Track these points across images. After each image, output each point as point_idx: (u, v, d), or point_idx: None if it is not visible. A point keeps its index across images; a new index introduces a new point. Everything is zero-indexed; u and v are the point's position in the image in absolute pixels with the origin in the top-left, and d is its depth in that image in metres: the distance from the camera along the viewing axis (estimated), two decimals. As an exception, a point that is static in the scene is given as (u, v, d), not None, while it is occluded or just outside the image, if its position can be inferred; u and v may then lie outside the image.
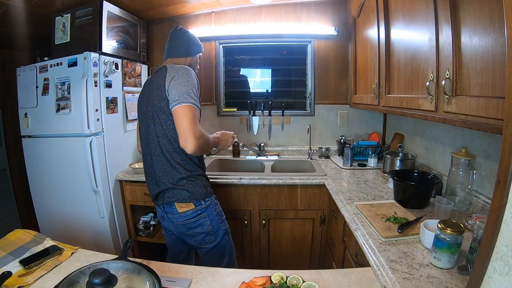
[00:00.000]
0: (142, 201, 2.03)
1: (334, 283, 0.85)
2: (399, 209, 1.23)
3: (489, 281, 0.48)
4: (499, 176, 0.47)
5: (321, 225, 1.90)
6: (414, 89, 1.24)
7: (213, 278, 0.88)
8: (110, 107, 1.97)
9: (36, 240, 1.07)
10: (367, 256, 0.97)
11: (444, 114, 1.00)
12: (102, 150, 1.91)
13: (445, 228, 0.83)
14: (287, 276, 0.84)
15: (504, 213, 0.46)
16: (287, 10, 2.36)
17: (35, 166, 2.05)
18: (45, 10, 1.91)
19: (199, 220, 1.33)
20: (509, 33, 0.48)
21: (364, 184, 1.67)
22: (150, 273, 0.72)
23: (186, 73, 1.29)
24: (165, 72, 1.31)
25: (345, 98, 2.41)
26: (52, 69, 1.90)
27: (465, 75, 0.91)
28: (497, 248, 0.47)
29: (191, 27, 2.41)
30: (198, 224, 1.33)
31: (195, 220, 1.33)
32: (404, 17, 1.32)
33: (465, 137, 1.35)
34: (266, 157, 2.39)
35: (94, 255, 1.00)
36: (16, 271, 0.88)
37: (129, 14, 2.16)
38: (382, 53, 1.56)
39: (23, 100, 2.01)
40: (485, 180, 1.23)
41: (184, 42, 1.50)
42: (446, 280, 0.79)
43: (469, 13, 0.88)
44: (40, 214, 2.11)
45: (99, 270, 0.65)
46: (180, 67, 1.32)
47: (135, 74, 2.27)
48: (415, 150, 1.84)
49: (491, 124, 0.78)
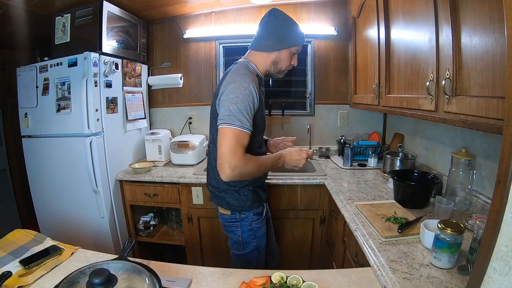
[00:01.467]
0: (142, 201, 2.03)
1: (334, 283, 0.85)
2: (399, 209, 1.23)
3: (489, 281, 0.48)
4: (499, 176, 0.47)
5: (321, 225, 1.90)
6: (414, 89, 1.24)
7: (213, 278, 0.88)
8: (110, 107, 1.97)
9: (36, 240, 1.07)
10: (367, 256, 0.96)
11: (444, 114, 1.00)
12: (102, 150, 1.91)
13: (445, 228, 0.83)
14: (287, 276, 0.84)
15: (504, 213, 0.45)
16: (287, 10, 2.32)
17: (35, 166, 2.05)
18: (45, 10, 1.91)
19: (231, 227, 1.34)
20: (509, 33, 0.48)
21: (364, 184, 1.67)
22: (150, 273, 0.72)
23: (241, 85, 1.09)
24: (226, 76, 1.20)
25: (345, 98, 2.41)
26: (52, 69, 1.90)
27: (465, 75, 0.91)
28: (497, 248, 0.47)
29: (191, 27, 2.41)
30: (230, 230, 1.35)
31: (229, 225, 1.34)
32: (404, 17, 1.32)
33: (465, 137, 1.35)
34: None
35: (94, 255, 1.00)
36: (16, 271, 0.88)
37: (129, 14, 2.16)
38: (382, 53, 1.56)
39: (23, 100, 2.01)
40: (485, 180, 1.23)
41: (273, 31, 1.21)
42: (446, 280, 0.79)
43: (469, 13, 0.88)
44: (40, 214, 2.11)
45: (99, 270, 0.65)
46: (238, 74, 1.14)
47: (135, 74, 2.27)
48: (415, 150, 1.84)
49: (491, 124, 0.78)
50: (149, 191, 1.98)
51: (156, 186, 1.97)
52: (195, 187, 1.89)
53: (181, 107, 2.53)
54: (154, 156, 2.27)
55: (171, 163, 2.22)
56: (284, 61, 1.25)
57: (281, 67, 1.26)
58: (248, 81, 1.11)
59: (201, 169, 2.06)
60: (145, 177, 1.97)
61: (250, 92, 1.10)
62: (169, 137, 2.38)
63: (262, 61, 1.25)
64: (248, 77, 1.13)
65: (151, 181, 1.96)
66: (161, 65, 2.50)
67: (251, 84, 1.11)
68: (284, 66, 1.26)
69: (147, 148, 2.27)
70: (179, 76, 2.43)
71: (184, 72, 2.48)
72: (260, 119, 1.22)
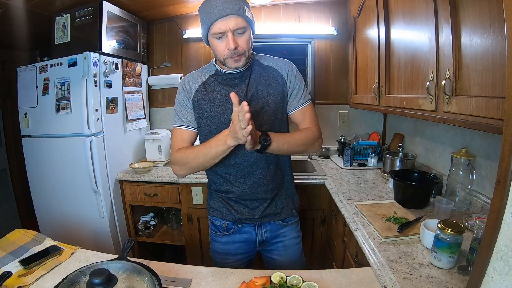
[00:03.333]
0: (142, 201, 2.04)
1: (334, 283, 0.85)
2: (399, 209, 1.23)
3: (489, 281, 0.48)
4: (499, 176, 0.47)
5: (321, 225, 1.90)
6: (414, 89, 1.24)
7: (213, 278, 0.88)
8: (110, 107, 1.97)
9: (36, 240, 1.07)
10: (367, 256, 0.96)
11: (444, 114, 1.00)
12: (102, 150, 1.91)
13: (445, 228, 0.83)
14: (287, 276, 0.84)
15: (504, 213, 0.45)
16: (287, 10, 2.36)
17: (35, 166, 2.05)
18: (45, 10, 1.91)
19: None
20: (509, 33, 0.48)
21: (364, 184, 1.67)
22: (150, 273, 0.72)
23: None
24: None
25: (345, 98, 2.41)
26: (52, 69, 1.90)
27: (465, 75, 0.91)
28: (497, 248, 0.47)
29: (191, 27, 2.41)
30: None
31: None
32: (404, 17, 1.32)
33: (465, 137, 1.35)
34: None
35: (94, 255, 1.00)
36: (16, 271, 0.88)
37: (129, 14, 2.16)
38: (382, 53, 1.56)
39: (23, 100, 2.01)
40: (485, 180, 1.23)
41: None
42: (446, 280, 0.79)
43: (469, 13, 0.88)
44: (40, 214, 2.11)
45: (99, 270, 0.65)
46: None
47: (135, 74, 2.27)
48: (415, 150, 1.84)
49: (491, 124, 0.78)
50: (149, 191, 1.98)
51: (156, 186, 1.97)
52: (195, 187, 1.89)
53: (181, 107, 2.53)
54: (154, 156, 2.27)
55: (171, 163, 2.22)
56: (216, 52, 1.00)
57: (220, 58, 1.00)
58: (182, 80, 1.12)
59: (201, 169, 2.06)
60: (145, 177, 1.97)
61: (180, 88, 1.11)
62: (169, 137, 2.38)
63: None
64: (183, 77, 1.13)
65: (151, 181, 1.96)
66: (161, 65, 2.50)
67: (182, 82, 1.11)
68: (220, 56, 0.99)
69: (147, 148, 2.27)
70: (179, 76, 2.43)
71: (184, 72, 2.48)
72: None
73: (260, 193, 1.09)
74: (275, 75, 1.08)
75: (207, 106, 1.05)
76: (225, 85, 1.06)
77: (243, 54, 0.98)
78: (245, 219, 1.12)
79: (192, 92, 1.07)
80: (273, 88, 1.06)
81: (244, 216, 1.12)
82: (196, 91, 1.07)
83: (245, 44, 0.97)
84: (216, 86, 1.06)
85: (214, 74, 1.09)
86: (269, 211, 1.12)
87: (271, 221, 1.14)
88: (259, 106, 1.04)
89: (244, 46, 0.97)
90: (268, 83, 1.06)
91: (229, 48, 0.94)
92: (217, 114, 1.04)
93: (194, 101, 1.07)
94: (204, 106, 1.05)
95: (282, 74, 1.08)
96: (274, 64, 1.09)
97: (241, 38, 0.96)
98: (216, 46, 0.98)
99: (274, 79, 1.07)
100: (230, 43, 0.93)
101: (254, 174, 1.08)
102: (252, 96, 1.04)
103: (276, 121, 1.08)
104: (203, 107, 1.06)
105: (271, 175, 1.10)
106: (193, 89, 1.08)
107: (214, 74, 1.09)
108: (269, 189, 1.10)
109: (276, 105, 1.07)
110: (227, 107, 1.03)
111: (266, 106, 1.05)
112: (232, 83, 1.06)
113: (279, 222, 1.16)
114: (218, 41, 0.96)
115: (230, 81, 1.06)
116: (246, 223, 1.14)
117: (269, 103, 1.05)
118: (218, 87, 1.06)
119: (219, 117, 1.04)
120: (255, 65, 1.08)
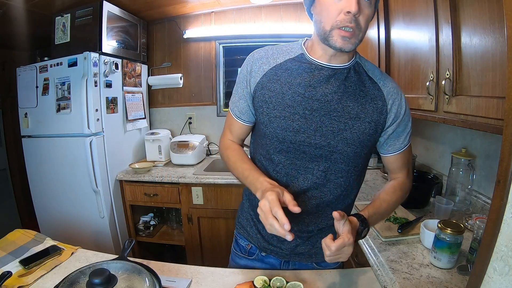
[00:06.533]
0: (142, 201, 2.04)
1: (334, 283, 0.85)
2: (399, 209, 1.23)
3: (489, 281, 0.48)
4: (499, 176, 0.47)
5: (321, 225, 1.89)
6: (414, 89, 1.24)
7: (213, 278, 0.88)
8: (110, 107, 1.97)
9: (36, 240, 1.07)
10: (367, 256, 0.96)
11: (444, 114, 1.00)
12: (102, 150, 1.91)
13: (445, 228, 0.83)
14: (270, 279, 0.83)
15: (504, 213, 0.45)
16: (287, 10, 2.35)
17: (35, 166, 2.05)
18: (45, 10, 1.91)
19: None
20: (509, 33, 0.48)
21: (364, 184, 1.66)
22: (150, 273, 0.72)
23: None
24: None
25: (345, 98, 2.41)
26: (52, 69, 1.90)
27: (465, 75, 0.91)
28: (497, 248, 0.47)
29: (191, 27, 2.40)
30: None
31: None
32: (404, 17, 1.32)
33: (465, 137, 1.35)
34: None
35: (94, 255, 1.00)
36: (16, 271, 0.88)
37: (129, 14, 2.16)
38: (382, 53, 1.56)
39: (23, 100, 2.01)
40: (485, 180, 1.23)
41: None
42: (446, 280, 0.79)
43: (469, 13, 0.88)
44: (40, 214, 2.11)
45: (99, 270, 0.65)
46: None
47: (135, 74, 2.27)
48: (415, 150, 1.84)
49: (491, 124, 0.78)
50: (149, 191, 1.98)
51: (156, 186, 1.97)
52: (195, 187, 1.89)
53: (181, 107, 2.53)
54: (154, 156, 2.27)
55: (171, 163, 2.22)
56: (323, 15, 0.69)
57: (326, 27, 0.69)
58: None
59: (201, 169, 2.06)
60: (145, 177, 1.97)
61: (242, 68, 0.87)
62: (169, 137, 2.38)
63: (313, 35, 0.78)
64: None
65: (151, 181, 1.96)
66: (161, 65, 2.50)
67: (245, 60, 0.86)
68: (328, 22, 0.68)
69: (147, 148, 2.27)
70: (179, 76, 2.43)
71: (184, 72, 2.48)
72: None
73: (296, 225, 0.81)
74: (376, 96, 0.77)
75: (272, 101, 0.77)
76: (304, 79, 0.75)
77: (357, 35, 0.69)
78: (271, 250, 0.90)
79: (258, 76, 0.79)
80: (366, 112, 0.76)
81: (271, 247, 0.89)
82: (263, 76, 0.79)
83: (365, 22, 0.68)
84: (292, 76, 0.76)
85: (294, 59, 0.78)
86: (301, 249, 0.87)
87: (302, 261, 0.91)
88: (338, 128, 0.75)
89: (363, 23, 0.68)
90: (364, 102, 0.76)
91: (349, 11, 0.64)
92: (282, 116, 0.76)
93: (257, 87, 0.79)
94: (267, 99, 0.77)
95: (386, 99, 0.77)
96: (381, 82, 0.78)
97: (365, 10, 0.67)
98: (327, 5, 0.67)
99: (373, 101, 0.76)
100: (352, 4, 0.63)
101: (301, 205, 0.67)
102: (335, 110, 0.74)
103: (352, 155, 0.78)
104: (266, 100, 0.78)
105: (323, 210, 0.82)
106: (261, 71, 0.79)
107: (295, 58, 0.78)
108: (312, 223, 0.83)
109: (363, 135, 0.76)
110: (297, 111, 0.75)
111: (347, 132, 0.75)
112: (315, 80, 0.75)
113: (313, 264, 0.92)
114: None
115: (313, 75, 0.75)
116: (271, 254, 0.91)
117: (353, 129, 0.75)
118: (295, 78, 0.76)
119: (282, 121, 0.76)
120: (355, 69, 0.78)
